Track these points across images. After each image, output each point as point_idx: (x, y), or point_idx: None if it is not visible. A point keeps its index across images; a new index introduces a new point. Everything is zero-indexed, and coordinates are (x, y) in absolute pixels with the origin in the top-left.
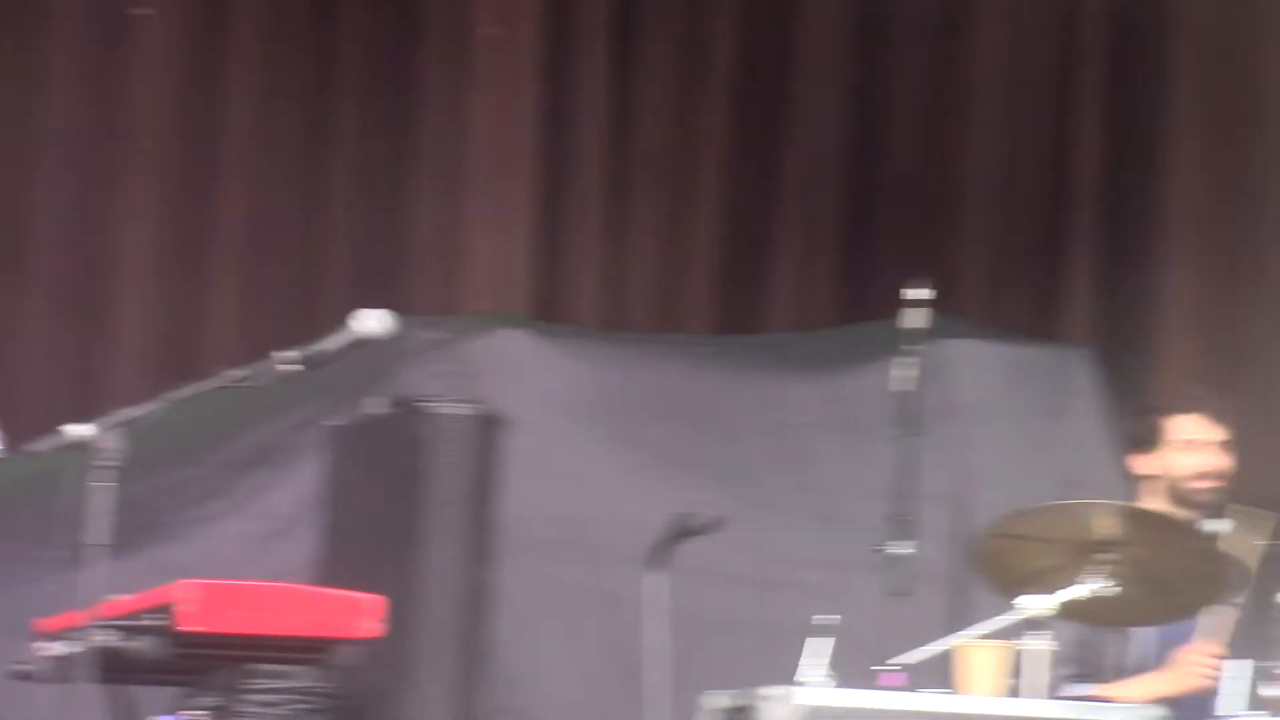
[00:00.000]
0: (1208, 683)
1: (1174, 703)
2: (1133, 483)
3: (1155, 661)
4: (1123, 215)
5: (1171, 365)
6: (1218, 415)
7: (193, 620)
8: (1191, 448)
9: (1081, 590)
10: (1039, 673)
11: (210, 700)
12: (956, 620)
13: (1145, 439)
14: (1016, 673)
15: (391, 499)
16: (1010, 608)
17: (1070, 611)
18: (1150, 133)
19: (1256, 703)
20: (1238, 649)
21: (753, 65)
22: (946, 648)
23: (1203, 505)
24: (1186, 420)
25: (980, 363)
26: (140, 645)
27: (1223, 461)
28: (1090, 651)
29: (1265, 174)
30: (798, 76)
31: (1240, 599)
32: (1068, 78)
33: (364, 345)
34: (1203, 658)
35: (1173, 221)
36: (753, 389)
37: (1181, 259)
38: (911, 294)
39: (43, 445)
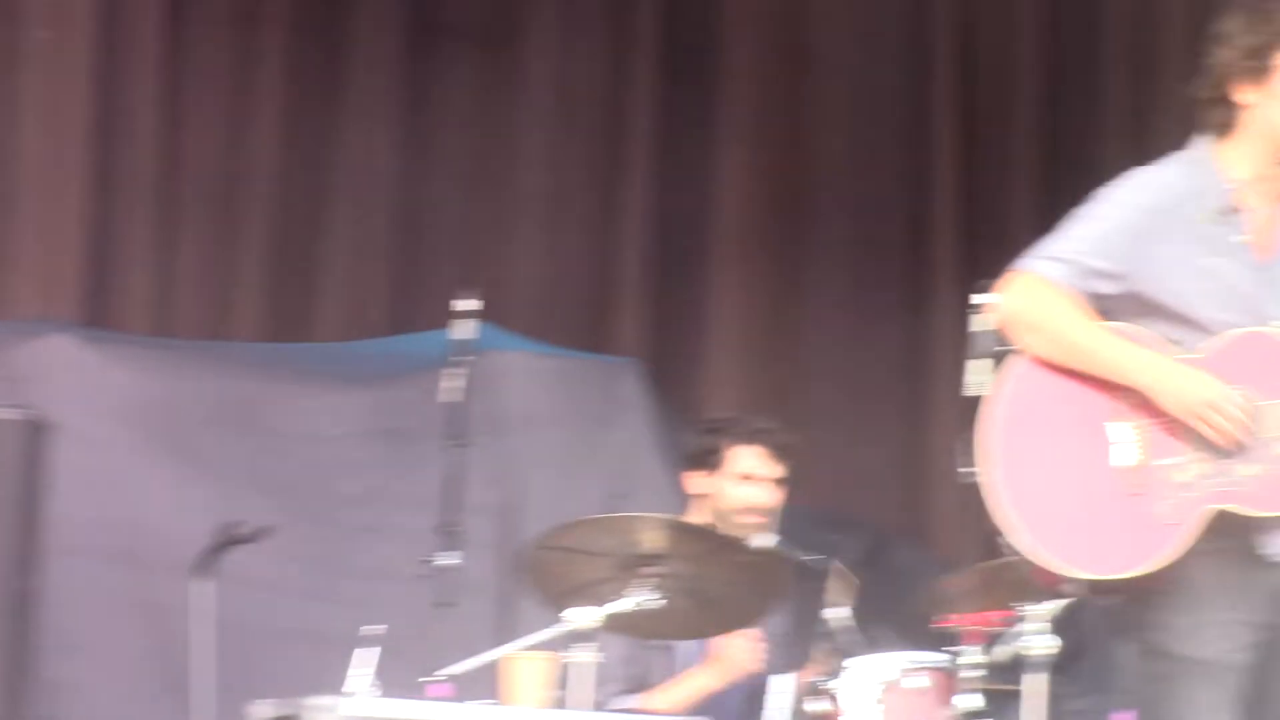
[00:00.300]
0: (753, 666)
1: (723, 701)
2: (683, 498)
3: None
4: (673, 231)
5: (720, 379)
6: (778, 452)
7: None
8: (748, 481)
9: (627, 603)
10: (585, 685)
11: None
12: (504, 632)
13: (704, 460)
14: (563, 684)
15: None
16: (557, 620)
17: (618, 624)
18: (702, 151)
19: (800, 717)
20: (781, 664)
21: (303, 78)
22: (493, 659)
23: (743, 534)
24: (748, 453)
25: (528, 374)
26: None
27: (774, 498)
28: (638, 666)
29: (816, 193)
30: (348, 89)
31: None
32: (619, 94)
33: None
34: (743, 642)
35: (723, 239)
36: (301, 398)
37: (731, 276)
38: (460, 305)
39: None
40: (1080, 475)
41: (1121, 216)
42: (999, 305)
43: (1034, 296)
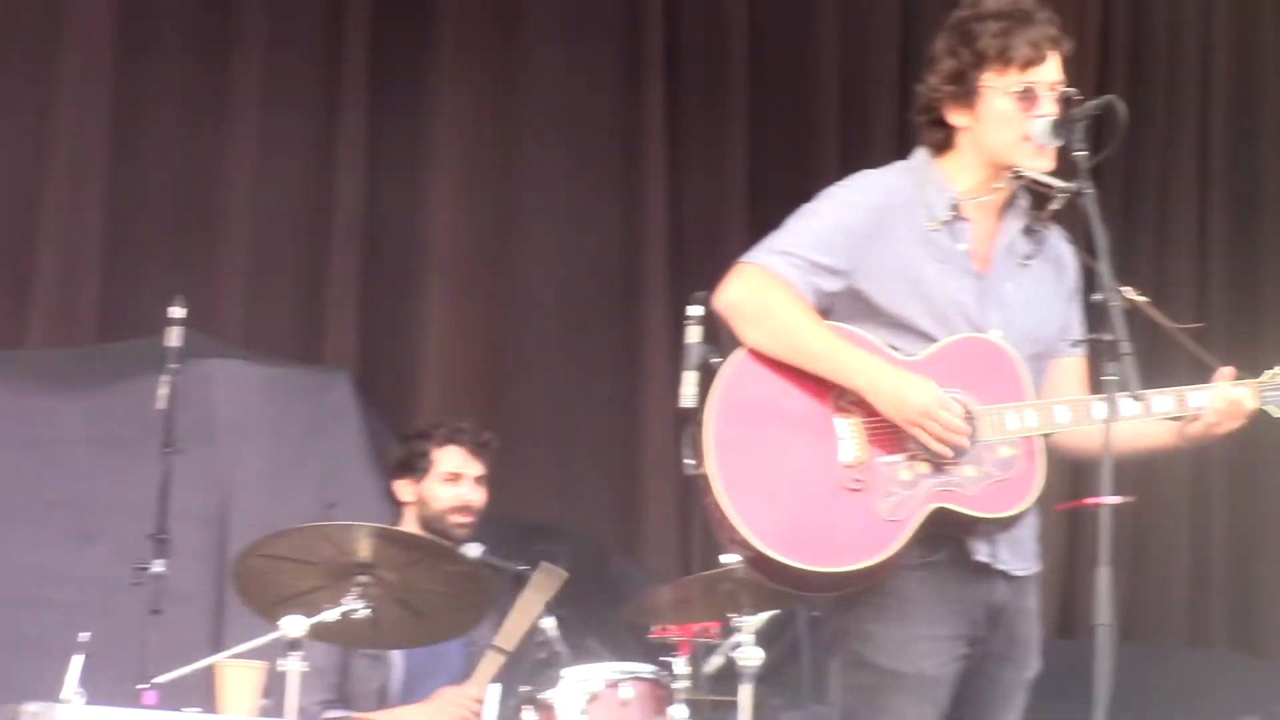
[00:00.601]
0: None
1: None
2: (395, 507)
3: (403, 688)
4: (384, 241)
5: (433, 390)
6: (478, 449)
7: None
8: (452, 481)
9: (333, 612)
10: (293, 693)
11: None
12: (217, 640)
13: (410, 466)
14: (273, 692)
15: None
16: (269, 628)
17: (330, 633)
18: (413, 161)
19: None
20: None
21: (10, 85)
22: (205, 667)
23: (456, 538)
24: (450, 452)
25: (239, 382)
26: None
27: (479, 496)
28: (350, 676)
29: (527, 206)
30: (58, 91)
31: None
32: (327, 104)
33: None
34: (465, 698)
35: (434, 249)
36: (11, 404)
37: (443, 285)
38: (172, 313)
39: None
40: (805, 469)
41: (849, 214)
42: (722, 296)
43: (758, 289)
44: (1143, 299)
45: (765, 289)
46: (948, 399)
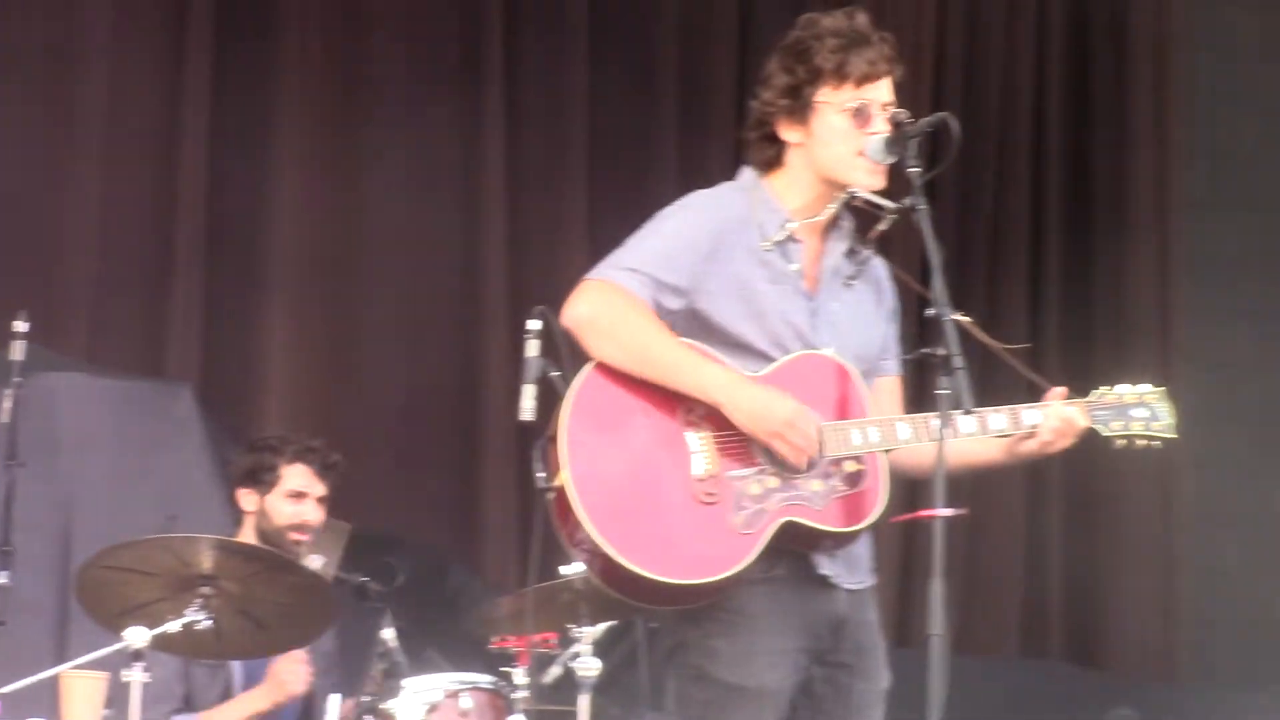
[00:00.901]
0: (301, 688)
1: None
2: (237, 519)
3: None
4: (226, 253)
5: (274, 402)
6: (324, 470)
7: None
8: (295, 499)
9: (177, 623)
10: (134, 704)
11: None
12: (61, 651)
13: (255, 478)
14: (115, 703)
15: None
16: (112, 639)
17: (172, 644)
18: (256, 174)
19: None
20: (333, 684)
21: None
22: (49, 677)
23: (291, 555)
24: (296, 470)
25: (81, 395)
26: None
27: (318, 516)
28: (191, 685)
29: (370, 215)
30: None
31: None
32: (171, 114)
33: None
34: (292, 665)
35: (277, 260)
36: None
37: (285, 298)
38: (15, 326)
39: None
40: (659, 483)
41: (691, 233)
42: (570, 311)
43: (607, 303)
44: (968, 319)
45: (615, 303)
46: (807, 412)
